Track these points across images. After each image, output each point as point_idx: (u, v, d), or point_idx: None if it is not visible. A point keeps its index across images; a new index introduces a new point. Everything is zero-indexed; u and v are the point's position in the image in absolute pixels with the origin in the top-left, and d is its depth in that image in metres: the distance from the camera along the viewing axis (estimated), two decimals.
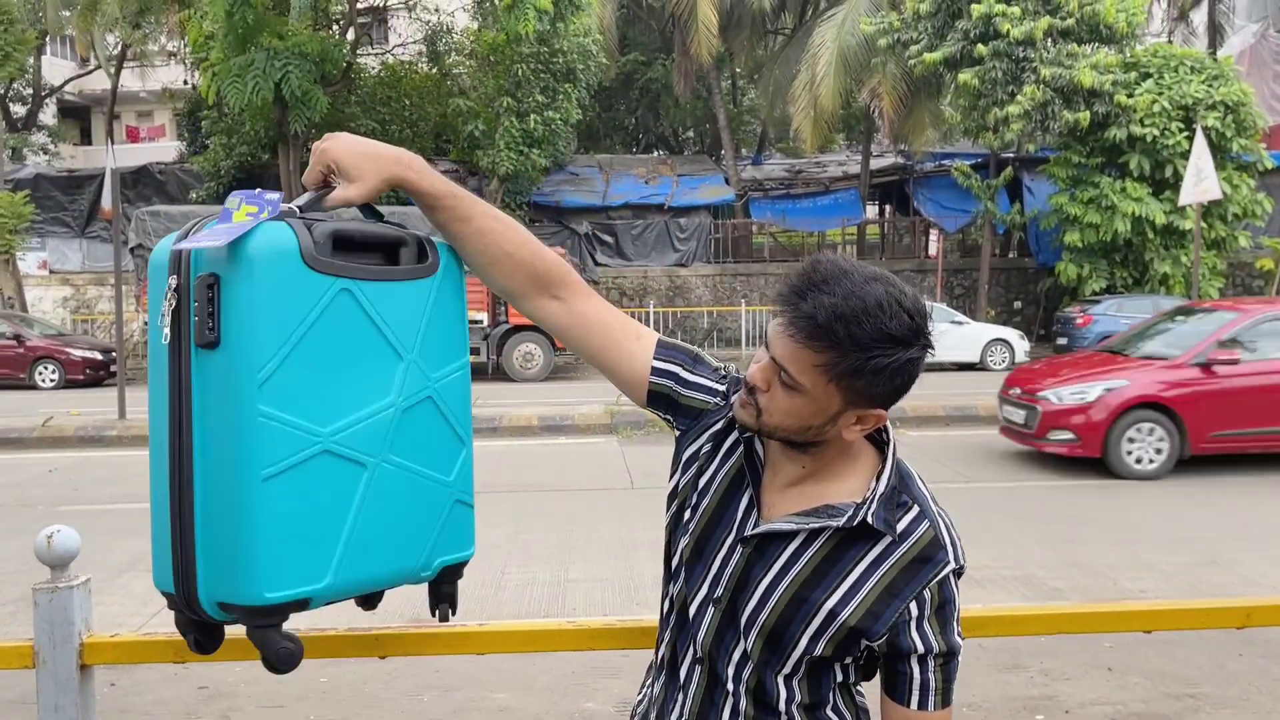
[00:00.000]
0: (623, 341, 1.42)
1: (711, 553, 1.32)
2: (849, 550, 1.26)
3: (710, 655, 1.32)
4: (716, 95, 27.97)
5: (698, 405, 1.40)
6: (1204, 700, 4.03)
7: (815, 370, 1.20)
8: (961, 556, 1.30)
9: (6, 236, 20.71)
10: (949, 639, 1.28)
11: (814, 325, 1.18)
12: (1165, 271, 20.20)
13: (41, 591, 1.52)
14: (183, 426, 1.21)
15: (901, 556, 1.26)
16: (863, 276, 1.20)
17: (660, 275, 24.03)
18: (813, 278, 1.21)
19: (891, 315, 1.18)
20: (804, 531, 1.27)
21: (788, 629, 1.27)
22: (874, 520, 1.25)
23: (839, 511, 1.27)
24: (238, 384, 1.17)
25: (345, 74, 22.60)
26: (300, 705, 4.11)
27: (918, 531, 1.27)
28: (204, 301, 1.19)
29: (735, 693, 1.30)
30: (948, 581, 1.28)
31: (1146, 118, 19.50)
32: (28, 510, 7.84)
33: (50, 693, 1.50)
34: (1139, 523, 6.97)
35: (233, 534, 1.18)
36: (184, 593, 1.23)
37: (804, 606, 1.26)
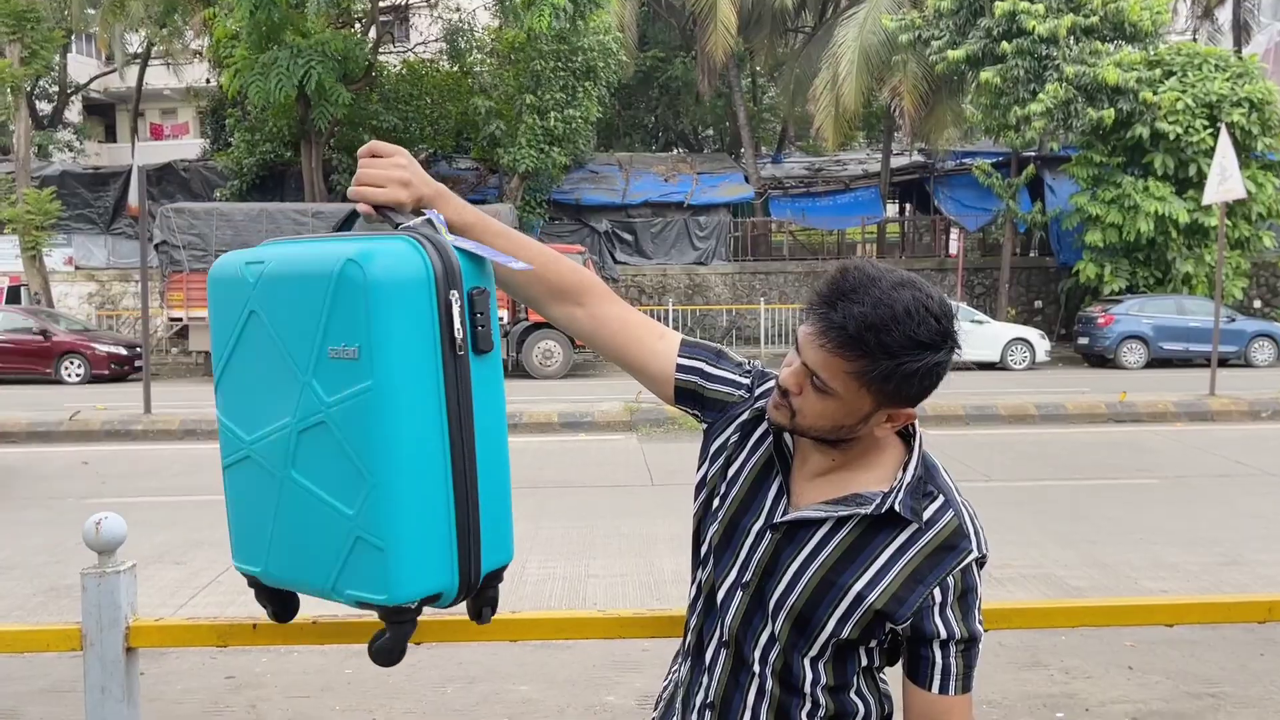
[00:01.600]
0: (647, 341, 1.47)
1: (740, 539, 1.37)
2: (876, 536, 1.30)
3: (737, 638, 1.36)
4: (736, 93, 27.94)
5: (723, 398, 1.45)
6: (1225, 699, 4.02)
7: (847, 376, 1.24)
8: (984, 546, 1.33)
9: (33, 233, 20.94)
10: (970, 625, 1.31)
11: (845, 335, 1.22)
12: (1188, 271, 20.05)
13: (90, 576, 1.57)
14: (463, 426, 1.30)
15: (927, 544, 1.30)
16: (890, 283, 1.23)
17: (679, 273, 24.05)
18: (842, 287, 1.24)
19: (920, 322, 1.22)
20: (832, 519, 1.31)
21: (815, 612, 1.31)
22: (901, 508, 1.29)
23: (867, 500, 1.31)
24: None
25: (367, 72, 22.72)
26: (325, 696, 4.17)
27: (943, 520, 1.31)
28: (485, 311, 1.32)
29: (761, 674, 1.34)
30: (970, 569, 1.31)
31: (1170, 115, 19.36)
32: (58, 502, 7.95)
33: (97, 674, 1.55)
34: (1160, 523, 6.95)
35: None
36: None
37: (832, 590, 1.30)
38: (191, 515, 7.37)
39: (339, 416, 1.25)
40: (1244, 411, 12.16)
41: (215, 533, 6.73)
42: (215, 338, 1.39)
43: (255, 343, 1.34)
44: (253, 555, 1.41)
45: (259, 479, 1.36)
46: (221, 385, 1.40)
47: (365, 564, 1.27)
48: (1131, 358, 19.03)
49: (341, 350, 1.24)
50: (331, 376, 1.25)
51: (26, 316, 19.17)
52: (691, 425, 11.51)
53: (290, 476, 1.32)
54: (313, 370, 1.27)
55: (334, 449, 1.26)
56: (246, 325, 1.34)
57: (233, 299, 1.36)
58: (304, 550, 1.33)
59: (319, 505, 1.29)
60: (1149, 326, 19.09)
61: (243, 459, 1.38)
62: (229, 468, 1.41)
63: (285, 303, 1.29)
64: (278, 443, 1.33)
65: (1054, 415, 12.05)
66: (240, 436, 1.37)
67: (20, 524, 7.18)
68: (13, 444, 11.15)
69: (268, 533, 1.37)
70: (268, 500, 1.35)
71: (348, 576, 1.29)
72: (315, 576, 1.33)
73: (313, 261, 1.28)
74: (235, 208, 19.37)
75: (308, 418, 1.28)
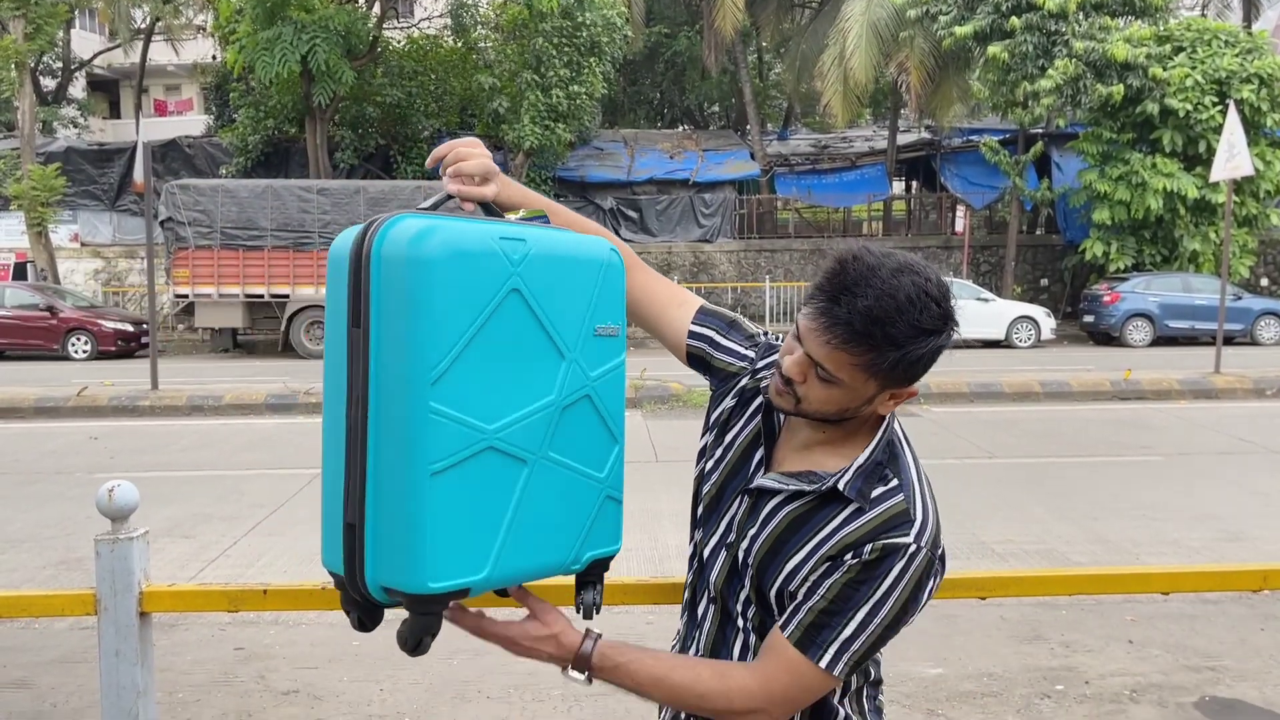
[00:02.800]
0: (667, 308, 1.56)
1: (727, 502, 1.42)
2: (819, 512, 1.31)
3: (722, 595, 1.41)
4: (742, 69, 27.79)
5: (728, 368, 1.51)
6: (1224, 672, 4.06)
7: (853, 368, 1.26)
8: (927, 541, 1.28)
9: (39, 209, 20.97)
10: (849, 594, 1.26)
11: (851, 331, 1.23)
12: (1195, 249, 19.98)
13: (103, 542, 1.60)
14: None
15: (865, 522, 1.28)
16: (890, 270, 1.24)
17: (685, 251, 24.01)
18: (843, 280, 1.24)
19: (922, 308, 1.23)
20: (787, 491, 1.34)
21: (763, 578, 1.35)
22: (846, 488, 1.30)
23: (819, 478, 1.33)
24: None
25: (372, 48, 22.63)
26: (333, 667, 4.22)
27: (888, 503, 1.29)
28: None
29: (744, 629, 1.39)
30: (895, 552, 1.26)
31: (1179, 91, 19.24)
32: (65, 477, 8.01)
33: (111, 638, 1.58)
34: (1163, 499, 6.97)
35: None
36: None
37: (776, 560, 1.33)
38: (200, 490, 7.43)
39: (601, 389, 1.38)
40: (1248, 389, 12.16)
41: (224, 507, 6.83)
42: (443, 322, 1.22)
43: (509, 324, 1.27)
44: (475, 563, 1.26)
45: (500, 471, 1.27)
46: (452, 375, 1.22)
47: (608, 522, 1.41)
48: (1137, 335, 19.01)
49: (606, 329, 1.38)
50: (594, 353, 1.37)
51: (33, 293, 19.22)
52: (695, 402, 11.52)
53: (547, 456, 1.31)
54: (580, 348, 1.35)
55: (590, 420, 1.37)
56: (501, 306, 1.26)
57: (482, 277, 1.25)
58: (548, 532, 1.33)
59: (571, 479, 1.35)
60: (1155, 304, 19.05)
61: (479, 452, 1.25)
62: (451, 469, 1.23)
63: (554, 283, 1.32)
64: (535, 424, 1.30)
65: (1058, 393, 12.06)
66: (480, 427, 1.25)
67: (30, 498, 7.24)
68: (21, 419, 11.22)
69: (500, 529, 1.28)
70: (507, 492, 1.28)
71: (591, 540, 1.39)
72: (556, 555, 1.35)
73: (578, 245, 1.38)
74: (240, 184, 19.38)
75: (573, 394, 1.34)
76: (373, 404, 1.22)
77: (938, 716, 3.70)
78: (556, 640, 1.33)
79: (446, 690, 3.98)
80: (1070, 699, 3.83)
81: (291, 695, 3.95)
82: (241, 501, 7.05)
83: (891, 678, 3.99)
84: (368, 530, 1.23)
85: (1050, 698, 3.84)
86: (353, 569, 1.25)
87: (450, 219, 1.27)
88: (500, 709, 3.81)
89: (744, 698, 1.28)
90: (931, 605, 1.37)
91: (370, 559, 1.24)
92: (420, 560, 1.21)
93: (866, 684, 1.43)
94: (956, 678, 4.03)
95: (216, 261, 18.28)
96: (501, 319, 1.26)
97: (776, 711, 1.29)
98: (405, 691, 3.97)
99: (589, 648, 1.33)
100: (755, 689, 1.28)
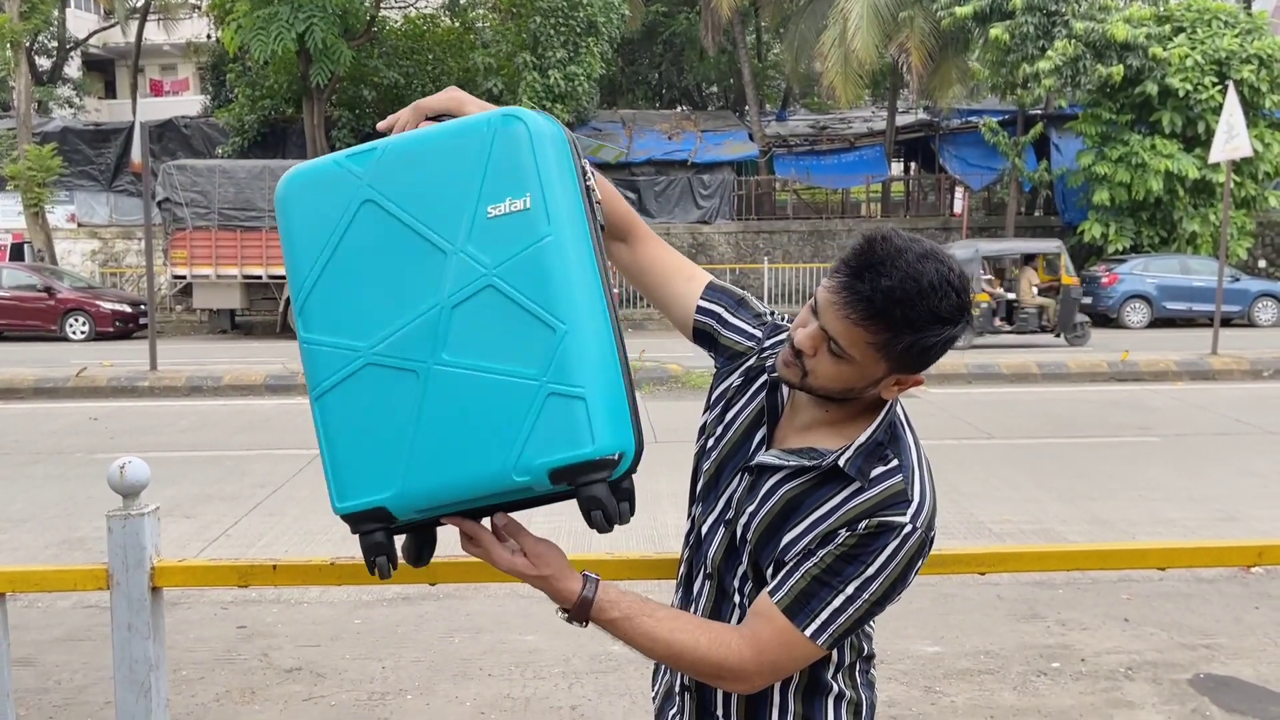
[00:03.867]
0: (676, 282, 1.55)
1: (727, 479, 1.43)
2: (819, 490, 1.33)
3: (719, 571, 1.43)
4: (741, 49, 27.65)
5: (734, 346, 1.52)
6: (1219, 650, 4.10)
7: (867, 346, 1.27)
8: (923, 522, 1.29)
9: (35, 190, 20.90)
10: (841, 566, 1.27)
11: (872, 308, 1.24)
12: (1194, 230, 19.99)
13: (115, 518, 1.62)
14: (606, 280, 1.32)
15: (864, 500, 1.30)
16: (916, 255, 1.25)
17: (683, 232, 23.98)
18: (870, 258, 1.25)
19: (942, 296, 1.24)
20: (788, 468, 1.36)
21: (761, 554, 1.36)
22: (847, 466, 1.31)
23: (820, 455, 1.34)
24: None
25: (369, 27, 22.51)
26: (335, 645, 4.25)
27: (887, 482, 1.31)
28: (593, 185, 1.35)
29: (740, 605, 1.40)
30: (890, 530, 1.27)
31: (1179, 72, 19.19)
32: (65, 458, 8.03)
33: (123, 612, 1.60)
34: (1159, 480, 7.01)
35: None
36: None
37: (775, 536, 1.34)
38: (200, 470, 7.45)
39: (511, 275, 1.23)
40: (1245, 370, 12.19)
41: (225, 487, 6.86)
42: (300, 253, 1.27)
43: (368, 236, 1.26)
44: (379, 481, 1.24)
45: (386, 385, 1.24)
46: (312, 302, 1.26)
47: (560, 422, 1.21)
48: (1135, 317, 19.03)
49: (506, 206, 1.23)
50: (493, 238, 1.23)
51: (31, 274, 19.19)
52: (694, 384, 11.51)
53: (440, 362, 1.23)
54: (466, 238, 1.24)
55: (503, 313, 1.23)
56: (354, 220, 1.26)
57: (328, 200, 1.27)
58: (466, 441, 1.22)
59: (484, 381, 1.22)
60: (1153, 286, 19.07)
61: (357, 370, 1.25)
62: (331, 390, 1.25)
63: (418, 179, 1.25)
64: (417, 332, 1.24)
65: (1056, 374, 12.10)
66: (353, 346, 1.25)
67: (31, 478, 7.26)
68: (20, 400, 11.23)
69: (405, 444, 1.23)
70: (403, 404, 1.24)
71: (536, 445, 1.21)
72: (486, 464, 1.22)
73: (450, 132, 1.27)
74: (238, 164, 19.32)
75: (463, 289, 1.23)
76: None
77: (935, 694, 3.73)
78: (548, 583, 1.33)
79: (448, 668, 4.01)
80: (1066, 676, 3.87)
81: (294, 673, 3.98)
82: (242, 482, 7.08)
83: (889, 655, 4.03)
84: (322, 460, 1.29)
85: (1046, 675, 3.88)
86: None
87: None
88: (502, 685, 3.85)
89: (735, 664, 1.30)
90: (929, 584, 1.38)
91: (327, 487, 1.29)
92: (330, 483, 1.26)
93: (859, 659, 1.45)
94: (954, 655, 4.07)
95: (214, 242, 18.26)
96: (359, 233, 1.25)
97: (760, 679, 1.32)
98: (407, 669, 4.00)
99: (590, 594, 1.33)
100: (748, 654, 1.30)
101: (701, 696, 1.45)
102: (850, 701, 1.42)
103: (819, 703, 1.40)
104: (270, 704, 3.73)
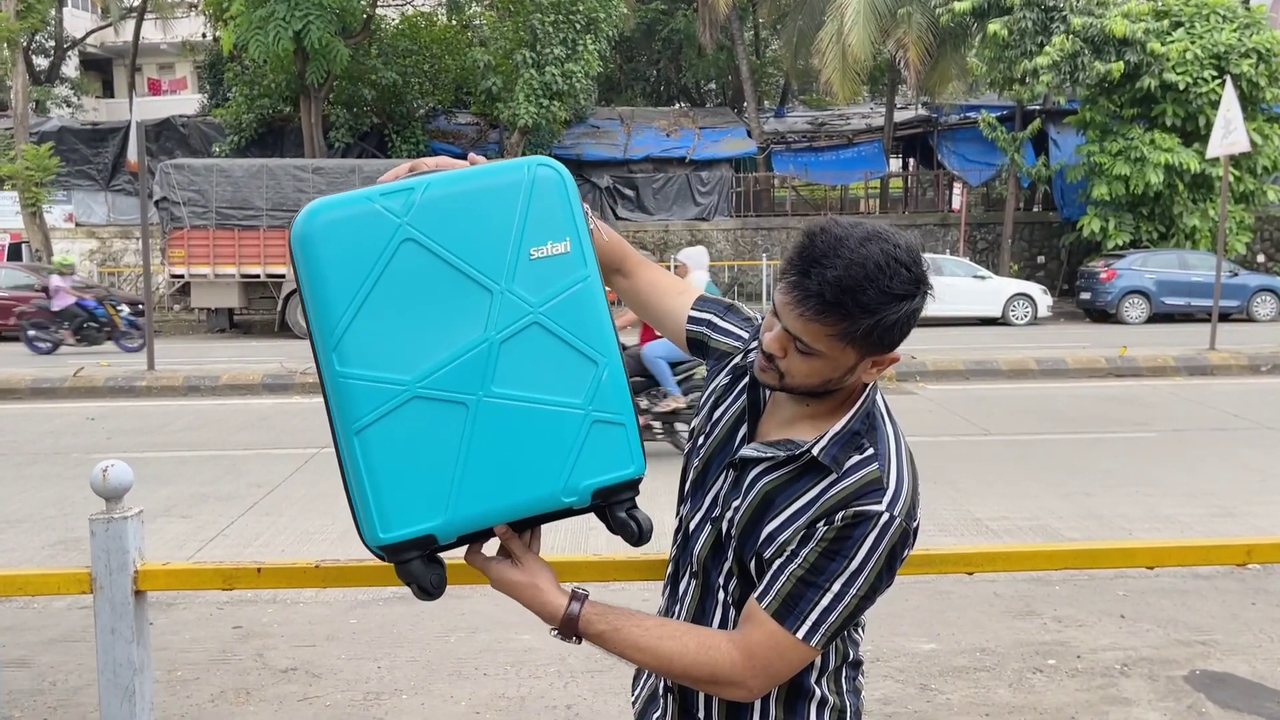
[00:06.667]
0: (669, 298, 1.64)
1: (713, 476, 1.44)
2: (798, 481, 1.33)
3: (705, 568, 1.43)
4: (739, 46, 27.63)
5: (726, 349, 1.55)
6: (1215, 647, 4.09)
7: (830, 339, 1.28)
8: (901, 511, 1.29)
9: (33, 189, 20.88)
10: (825, 564, 1.28)
11: (823, 302, 1.25)
12: (1193, 225, 19.97)
13: (98, 521, 1.61)
14: None
15: (839, 491, 1.30)
16: (858, 240, 1.25)
17: (681, 229, 23.96)
18: (812, 253, 1.26)
19: (892, 275, 1.25)
20: (768, 460, 1.36)
21: (744, 549, 1.37)
22: (822, 455, 1.32)
23: (796, 446, 1.35)
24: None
25: (366, 25, 22.47)
26: (330, 645, 4.24)
27: (862, 471, 1.31)
28: None
29: (724, 603, 1.41)
30: (867, 519, 1.28)
31: (1178, 66, 19.17)
32: (62, 458, 8.02)
33: (107, 616, 1.59)
34: (1157, 476, 7.00)
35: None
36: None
37: (756, 529, 1.35)
38: (196, 470, 7.44)
39: (555, 313, 1.32)
40: (1243, 366, 12.18)
41: (220, 487, 6.85)
42: (333, 289, 1.27)
43: (408, 274, 1.28)
44: (426, 510, 1.28)
45: (433, 417, 1.28)
46: (350, 338, 1.26)
47: (605, 446, 1.34)
48: (1133, 313, 19.02)
49: (548, 249, 1.32)
50: (536, 278, 1.32)
51: (28, 273, 19.15)
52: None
53: (490, 394, 1.28)
54: (511, 278, 1.31)
55: (549, 348, 1.32)
56: (394, 258, 1.29)
57: (364, 237, 1.28)
58: (516, 467, 1.29)
59: (532, 412, 1.30)
60: (1151, 281, 19.06)
61: (403, 403, 1.27)
62: (375, 424, 1.26)
63: (459, 220, 1.30)
64: (467, 365, 1.28)
65: (1054, 370, 12.08)
66: (397, 380, 1.27)
67: (27, 479, 7.25)
68: (18, 400, 11.22)
69: (452, 473, 1.28)
70: (450, 435, 1.28)
71: (583, 468, 1.32)
72: (537, 488, 1.31)
73: (485, 174, 1.33)
74: (235, 164, 19.28)
75: (510, 325, 1.30)
76: (322, 378, 1.29)
77: (930, 691, 3.73)
78: (538, 593, 1.34)
79: (443, 667, 4.01)
80: (1062, 673, 3.86)
81: (289, 673, 3.98)
82: (239, 481, 7.07)
83: (884, 653, 4.02)
84: (350, 495, 1.29)
85: (1042, 672, 3.88)
86: (360, 535, 1.31)
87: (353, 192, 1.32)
88: (497, 685, 3.84)
89: (728, 669, 1.30)
90: (924, 580, 1.38)
91: (357, 521, 1.30)
92: (369, 515, 1.27)
93: (845, 664, 1.44)
94: (949, 653, 4.06)
95: (212, 241, 18.23)
96: (400, 270, 1.28)
97: (757, 684, 1.31)
98: (402, 669, 4.00)
99: (575, 610, 1.34)
100: (739, 661, 1.29)
101: (684, 699, 1.45)
102: (834, 708, 1.41)
103: (801, 708, 1.39)
104: (265, 704, 3.72)
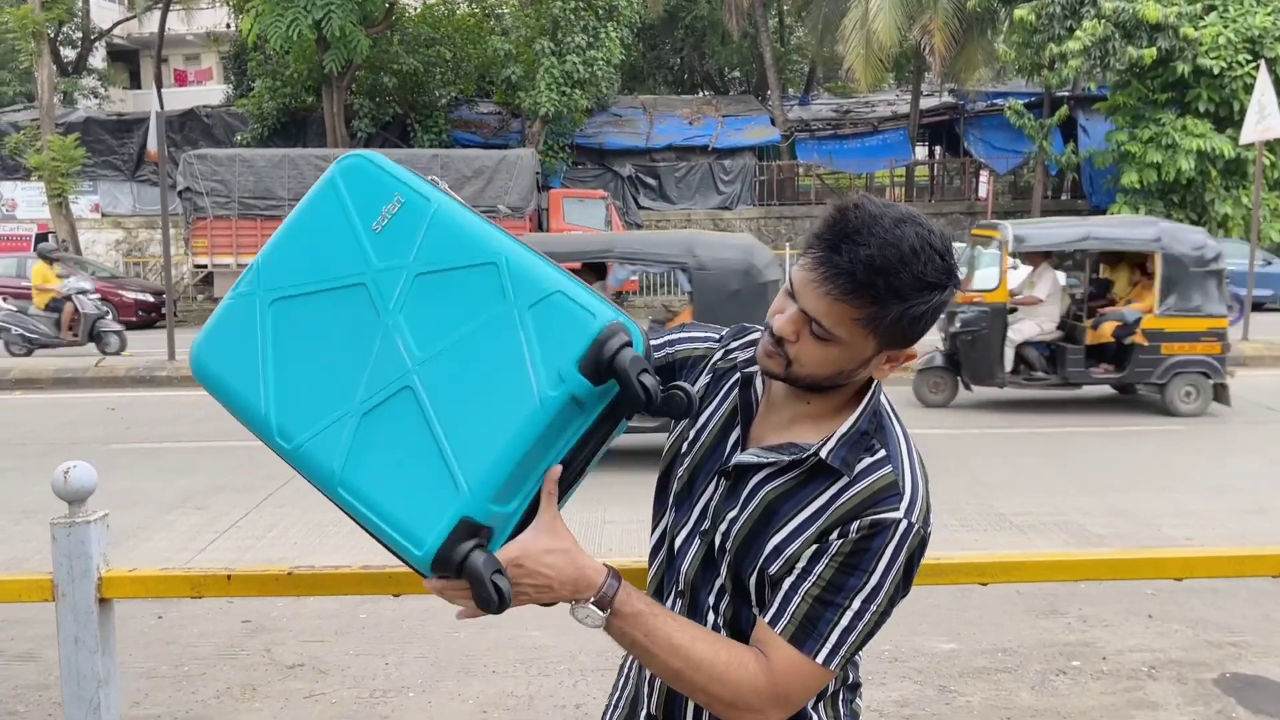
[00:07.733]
0: None
1: (701, 486, 1.32)
2: (806, 487, 1.23)
3: (693, 586, 1.32)
4: (763, 33, 27.37)
5: (701, 352, 1.43)
6: (1246, 649, 3.96)
7: (853, 323, 1.18)
8: (918, 516, 1.20)
9: (59, 180, 21.01)
10: (842, 580, 1.18)
11: (853, 281, 1.15)
12: (1226, 213, 19.61)
13: (59, 526, 1.54)
14: None
15: (853, 496, 1.20)
16: (893, 220, 1.16)
17: (704, 218, 23.80)
18: (844, 228, 1.17)
19: (926, 260, 1.16)
20: (769, 466, 1.26)
21: (743, 563, 1.26)
22: (831, 458, 1.22)
23: (801, 449, 1.24)
24: None
25: (387, 14, 22.44)
26: (339, 640, 4.19)
27: (876, 474, 1.21)
28: None
29: (715, 624, 1.29)
30: (885, 528, 1.18)
31: (1212, 50, 18.81)
32: (81, 448, 8.03)
33: (70, 625, 1.52)
34: (1185, 470, 6.84)
35: None
36: None
37: (757, 543, 1.24)
38: (214, 460, 7.43)
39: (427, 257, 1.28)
40: (1277, 357, 11.94)
41: (237, 478, 6.83)
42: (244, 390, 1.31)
43: (294, 327, 1.30)
44: (441, 501, 1.18)
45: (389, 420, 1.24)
46: (279, 415, 1.30)
47: (553, 323, 1.20)
48: None
49: (385, 213, 1.31)
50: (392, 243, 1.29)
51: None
52: None
53: (419, 361, 1.22)
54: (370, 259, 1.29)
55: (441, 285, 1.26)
56: (273, 324, 1.31)
57: (238, 328, 1.31)
58: (488, 403, 1.19)
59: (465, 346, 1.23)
60: None
61: (357, 429, 1.24)
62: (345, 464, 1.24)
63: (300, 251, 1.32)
64: (384, 356, 1.25)
65: None
66: (341, 415, 1.26)
67: (44, 469, 7.21)
68: (40, 390, 11.29)
69: (438, 451, 1.20)
70: (413, 421, 1.23)
71: (549, 357, 1.19)
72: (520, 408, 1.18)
73: (301, 203, 1.35)
74: (257, 153, 19.33)
75: (396, 295, 1.28)
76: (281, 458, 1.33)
77: (950, 693, 3.62)
78: (570, 554, 1.20)
79: (452, 664, 3.95)
80: (1086, 675, 3.75)
81: (297, 669, 3.93)
82: (255, 473, 7.04)
83: (903, 653, 3.92)
84: (374, 537, 1.23)
85: (1066, 674, 3.76)
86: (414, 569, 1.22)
87: None
88: (506, 683, 3.78)
89: (750, 694, 1.19)
90: None
91: (399, 557, 1.22)
92: (399, 543, 1.18)
93: (844, 687, 1.34)
94: (970, 653, 3.95)
95: (235, 231, 18.30)
96: (283, 330, 1.29)
97: (776, 711, 1.20)
98: (410, 665, 3.94)
99: (614, 585, 1.21)
100: (762, 683, 1.18)
101: None
102: None
103: None
104: (270, 701, 3.68)
